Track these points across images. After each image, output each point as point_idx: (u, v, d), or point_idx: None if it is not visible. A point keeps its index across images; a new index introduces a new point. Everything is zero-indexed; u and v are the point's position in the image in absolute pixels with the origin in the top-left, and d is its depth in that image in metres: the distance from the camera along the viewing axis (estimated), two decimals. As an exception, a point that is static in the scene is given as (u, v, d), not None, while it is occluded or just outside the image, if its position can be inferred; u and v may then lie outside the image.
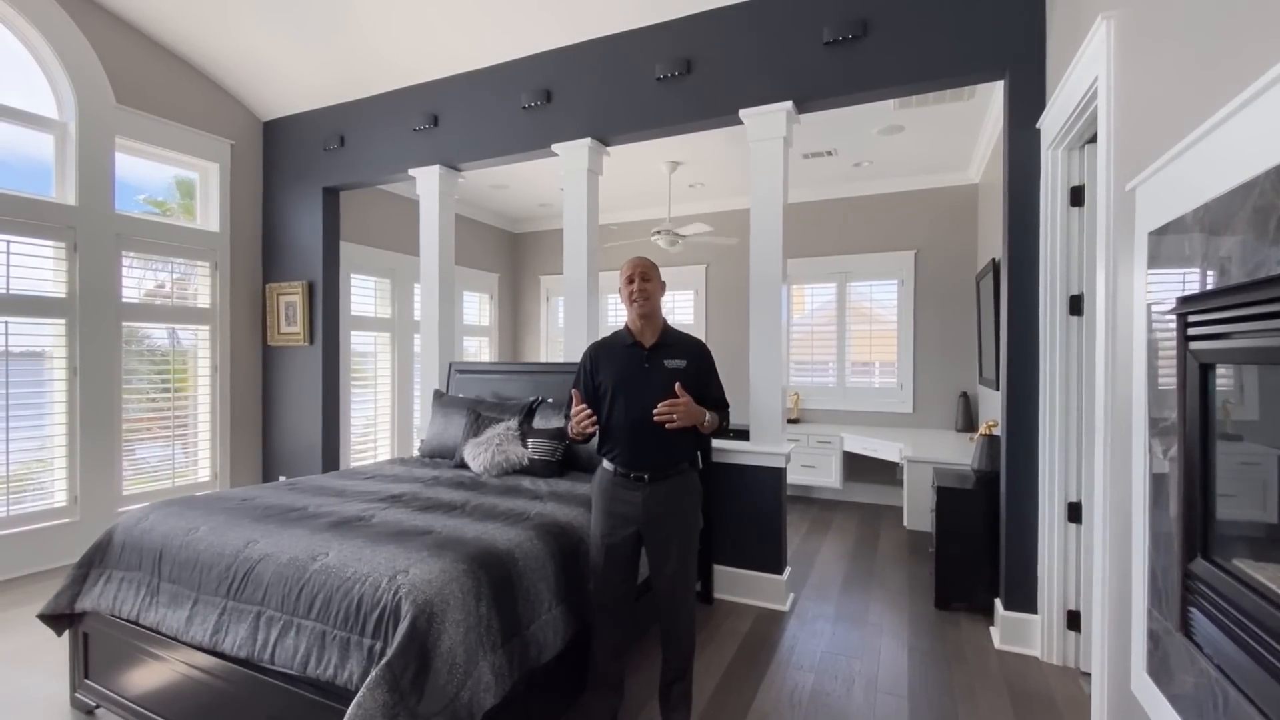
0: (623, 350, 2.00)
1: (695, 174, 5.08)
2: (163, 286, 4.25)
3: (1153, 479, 1.46)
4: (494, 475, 2.83)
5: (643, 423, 1.87)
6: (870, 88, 2.88)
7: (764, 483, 3.10)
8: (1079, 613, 2.50)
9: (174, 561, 1.98)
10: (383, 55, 3.85)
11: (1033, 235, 2.64)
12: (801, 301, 5.66)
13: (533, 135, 3.66)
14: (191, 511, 2.17)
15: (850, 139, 4.28)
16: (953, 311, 5.03)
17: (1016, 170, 2.69)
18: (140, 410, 4.05)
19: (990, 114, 3.78)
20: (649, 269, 2.02)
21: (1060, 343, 2.52)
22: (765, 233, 3.09)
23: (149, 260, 4.11)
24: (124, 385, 3.93)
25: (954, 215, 5.04)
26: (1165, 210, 1.36)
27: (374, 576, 1.62)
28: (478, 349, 6.62)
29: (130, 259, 3.98)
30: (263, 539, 1.90)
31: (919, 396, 5.15)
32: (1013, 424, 2.69)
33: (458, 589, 1.60)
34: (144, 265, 4.10)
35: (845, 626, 2.89)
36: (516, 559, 1.84)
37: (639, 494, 1.91)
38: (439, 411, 3.42)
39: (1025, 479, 2.66)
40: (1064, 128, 2.37)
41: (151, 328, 4.12)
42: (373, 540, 1.83)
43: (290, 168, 4.61)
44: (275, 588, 1.73)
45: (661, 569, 1.92)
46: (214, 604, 1.84)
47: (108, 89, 3.82)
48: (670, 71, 3.24)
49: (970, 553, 3.00)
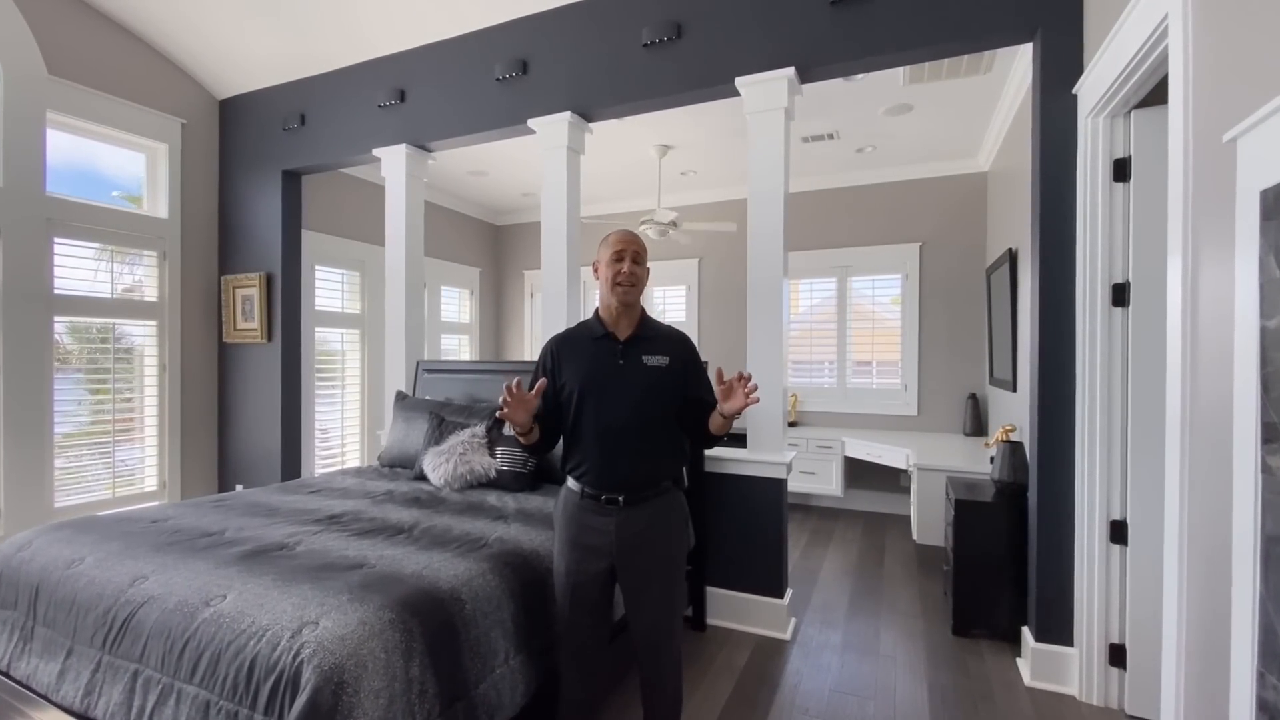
0: (591, 343, 1.66)
1: (687, 160, 4.75)
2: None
3: (1265, 503, 1.13)
4: (456, 489, 2.49)
5: (616, 432, 1.53)
6: (882, 51, 2.56)
7: (763, 495, 2.77)
8: (1124, 647, 2.18)
9: (50, 600, 1.63)
10: (346, 24, 3.49)
11: (1068, 217, 2.33)
12: (798, 297, 5.34)
13: (508, 110, 3.32)
14: (84, 537, 1.82)
15: (854, 120, 3.96)
16: (961, 308, 4.73)
17: (1049, 144, 2.37)
18: (76, 412, 3.67)
19: (1009, 89, 3.46)
20: (643, 250, 1.68)
21: (1102, 338, 2.20)
22: (765, 217, 2.76)
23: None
24: (55, 386, 3.55)
25: (962, 206, 4.73)
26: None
27: (274, 630, 1.27)
28: (458, 347, 6.26)
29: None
30: (153, 575, 1.55)
31: (924, 398, 4.84)
32: (1044, 431, 2.37)
33: (379, 646, 1.26)
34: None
35: (854, 658, 2.56)
36: (463, 601, 1.50)
37: (611, 520, 1.57)
38: (400, 415, 3.07)
39: (1059, 493, 2.34)
40: (1108, 91, 2.06)
41: (89, 322, 3.74)
42: (285, 579, 1.48)
43: (248, 149, 4.24)
44: (156, 640, 1.38)
45: (640, 611, 1.58)
46: (89, 656, 1.49)
47: (38, 58, 3.44)
48: (658, 37, 2.90)
49: (992, 574, 2.69)
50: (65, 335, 3.71)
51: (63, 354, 3.69)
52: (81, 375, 3.74)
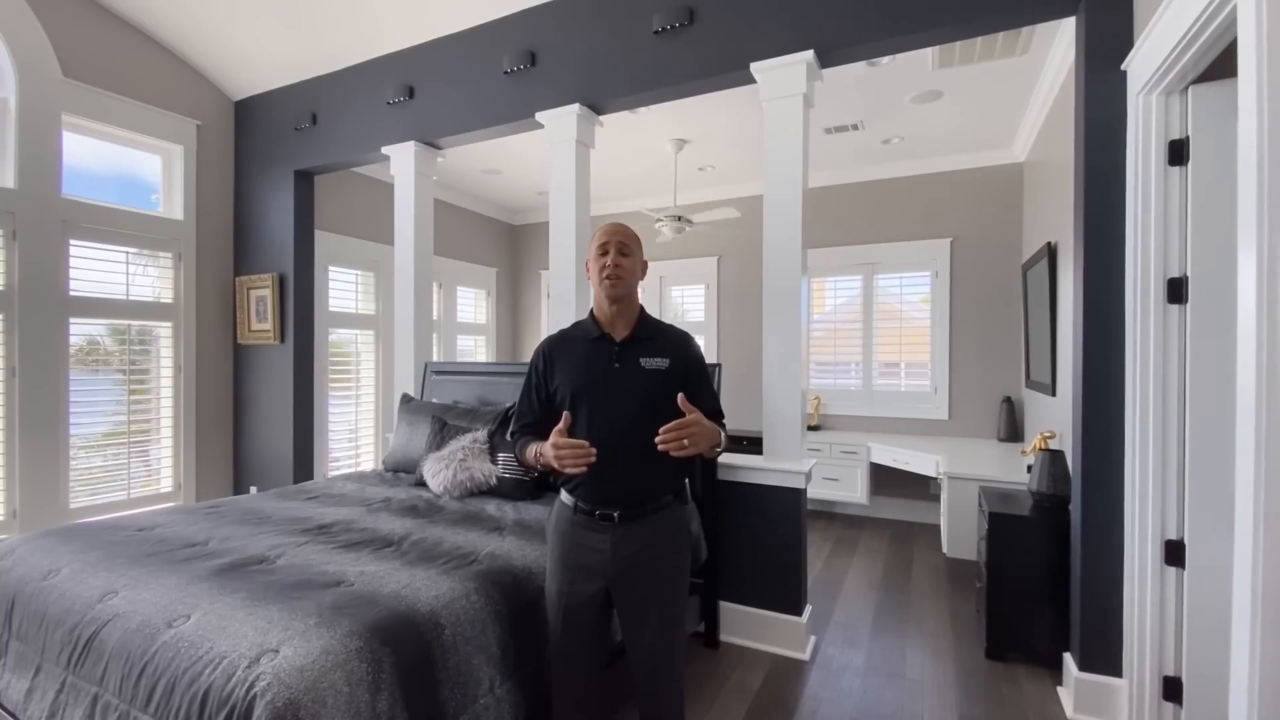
0: (586, 345, 1.53)
1: (705, 154, 4.59)
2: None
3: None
4: (455, 496, 2.38)
5: (611, 441, 1.40)
6: (909, 30, 2.38)
7: (780, 506, 2.60)
8: (1180, 680, 1.97)
9: (24, 613, 1.57)
10: (356, 19, 3.43)
11: (1116, 206, 2.12)
12: (823, 296, 5.14)
13: (516, 104, 3.21)
14: (65, 547, 1.75)
15: (879, 109, 3.76)
16: (995, 306, 4.48)
17: (1094, 126, 2.17)
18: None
19: (1048, 71, 3.23)
20: (629, 240, 1.55)
21: (1155, 338, 1.99)
22: (782, 211, 2.60)
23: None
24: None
25: (996, 198, 4.48)
26: None
27: (231, 658, 1.17)
28: (474, 348, 6.20)
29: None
30: (124, 590, 1.47)
31: (955, 401, 4.60)
32: (1088, 439, 2.17)
33: (342, 679, 1.15)
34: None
35: (879, 682, 2.39)
36: (442, 626, 1.38)
37: (606, 538, 1.43)
38: (405, 419, 2.99)
39: (1105, 507, 2.14)
40: (1163, 65, 1.85)
41: (103, 324, 3.75)
42: (255, 597, 1.39)
43: (261, 150, 4.22)
44: (116, 663, 1.29)
45: (638, 637, 1.44)
46: (55, 676, 1.41)
47: (53, 60, 3.46)
48: (670, 23, 2.76)
49: (1030, 593, 2.48)
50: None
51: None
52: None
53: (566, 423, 1.39)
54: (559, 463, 1.35)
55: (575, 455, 1.33)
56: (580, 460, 1.33)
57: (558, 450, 1.34)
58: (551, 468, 1.39)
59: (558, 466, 1.36)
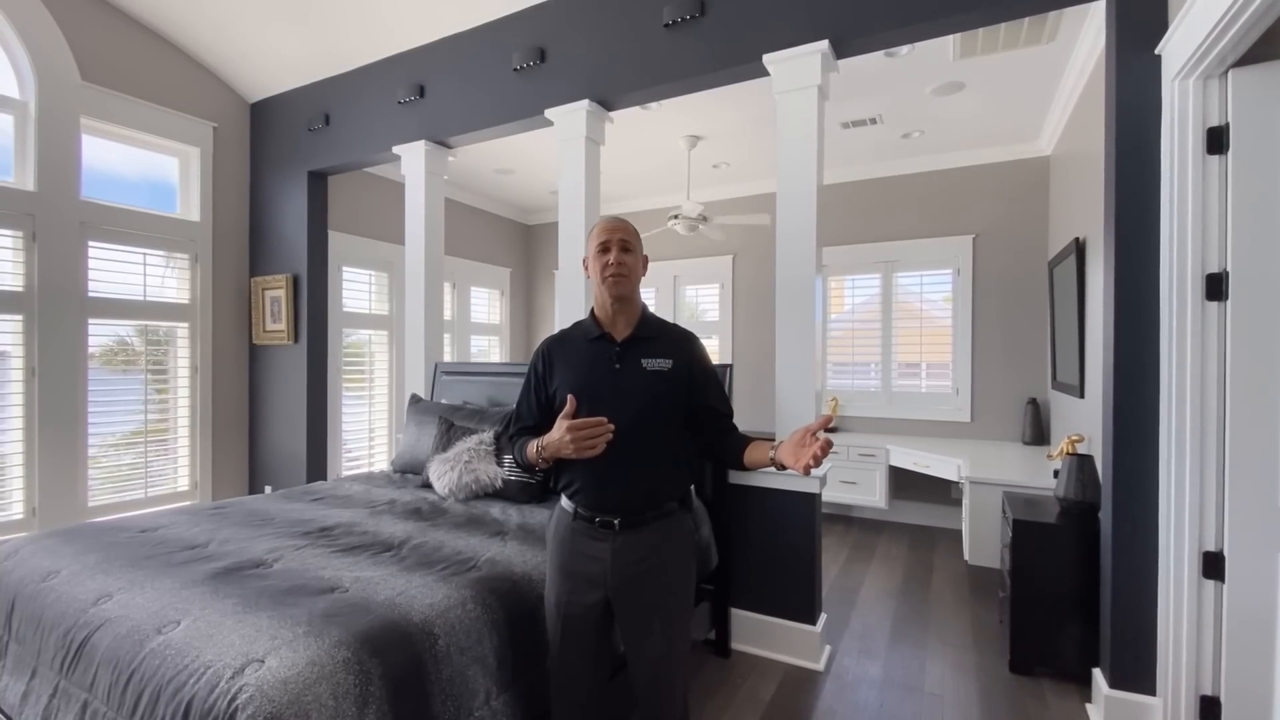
0: (586, 345, 1.47)
1: (719, 151, 4.52)
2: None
3: None
4: (460, 499, 2.35)
5: (611, 445, 1.33)
6: (930, 18, 2.28)
7: (793, 511, 2.52)
8: (1218, 700, 1.85)
9: (23, 615, 1.56)
10: (367, 19, 3.42)
11: (1150, 198, 2.01)
12: (841, 295, 5.03)
13: (525, 101, 3.17)
14: (66, 548, 1.75)
15: (898, 101, 3.66)
16: (1019, 304, 4.34)
17: (1127, 114, 2.06)
18: (110, 413, 3.72)
19: (1076, 60, 3.10)
20: (630, 236, 1.49)
21: (1193, 337, 1.88)
22: (796, 207, 2.52)
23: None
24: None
25: (1021, 193, 4.34)
26: None
27: (216, 668, 1.14)
28: (488, 348, 6.19)
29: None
30: (118, 594, 1.45)
31: (978, 403, 4.47)
32: (1120, 443, 2.06)
33: (327, 692, 1.11)
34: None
35: (896, 695, 2.30)
36: (436, 635, 1.33)
37: (606, 546, 1.38)
38: (413, 419, 2.96)
39: (1138, 516, 2.03)
40: (1200, 48, 1.74)
41: (131, 324, 3.79)
42: (247, 603, 1.35)
43: (275, 151, 4.25)
44: (105, 669, 1.27)
45: (639, 648, 1.38)
46: (49, 680, 1.40)
47: (72, 65, 3.50)
48: (680, 15, 2.70)
49: (1057, 604, 2.37)
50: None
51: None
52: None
53: (572, 406, 1.32)
54: (574, 446, 1.27)
55: (593, 433, 1.26)
56: (599, 439, 1.26)
57: (573, 433, 1.27)
58: (559, 458, 1.34)
59: (572, 452, 1.28)
